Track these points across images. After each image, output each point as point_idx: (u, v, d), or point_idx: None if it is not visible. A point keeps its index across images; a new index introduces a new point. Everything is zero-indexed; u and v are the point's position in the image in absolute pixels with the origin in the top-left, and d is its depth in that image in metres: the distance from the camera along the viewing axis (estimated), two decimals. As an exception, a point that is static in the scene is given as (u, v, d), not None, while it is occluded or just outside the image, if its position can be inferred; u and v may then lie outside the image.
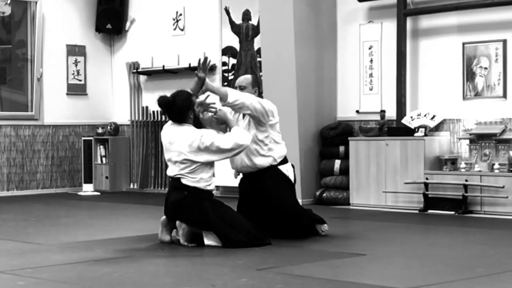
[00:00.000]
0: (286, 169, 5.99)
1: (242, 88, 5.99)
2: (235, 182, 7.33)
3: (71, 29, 10.86)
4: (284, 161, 6.02)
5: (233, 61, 9.87)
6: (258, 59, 9.50)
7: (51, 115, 10.66)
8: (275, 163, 5.93)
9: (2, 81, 10.42)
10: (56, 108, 10.71)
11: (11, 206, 8.85)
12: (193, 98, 5.69)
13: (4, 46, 10.39)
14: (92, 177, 10.60)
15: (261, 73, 9.27)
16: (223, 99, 5.72)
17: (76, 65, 10.92)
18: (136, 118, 10.87)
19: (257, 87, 6.10)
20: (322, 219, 6.10)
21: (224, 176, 8.06)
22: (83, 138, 10.73)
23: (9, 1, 10.31)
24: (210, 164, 5.68)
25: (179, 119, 5.69)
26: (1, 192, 10.21)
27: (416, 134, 8.09)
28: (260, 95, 6.25)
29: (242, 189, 6.12)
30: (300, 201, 7.19)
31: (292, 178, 6.01)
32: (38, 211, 8.38)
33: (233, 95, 5.76)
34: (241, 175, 6.13)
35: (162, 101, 5.69)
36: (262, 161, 5.91)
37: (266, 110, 5.86)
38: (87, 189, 10.49)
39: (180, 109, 5.65)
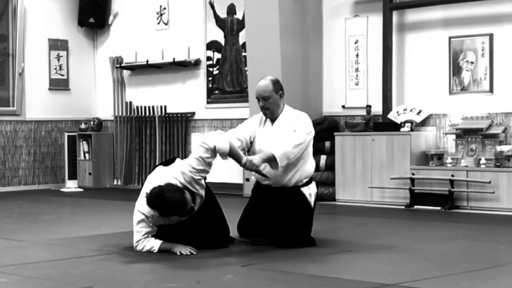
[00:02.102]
0: (309, 192, 5.53)
1: (266, 99, 5.51)
2: (227, 178, 7.20)
3: (53, 23, 10.75)
4: (310, 181, 5.58)
5: (217, 55, 9.80)
6: (243, 53, 9.44)
7: (33, 110, 10.56)
8: (301, 183, 5.51)
9: (-17, 76, 10.31)
10: (38, 103, 10.60)
11: (-7, 202, 8.76)
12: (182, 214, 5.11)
13: (-14, 41, 10.28)
14: (76, 173, 10.52)
15: (246, 68, 9.22)
16: (275, 167, 5.32)
17: (58, 60, 10.81)
18: (120, 114, 10.78)
19: (281, 91, 5.59)
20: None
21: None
22: (67, 133, 10.62)
23: (-10, -5, 10.18)
24: None
25: None
26: (-18, 188, 10.13)
27: (402, 129, 8.06)
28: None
29: (257, 190, 5.70)
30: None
31: (312, 202, 5.56)
32: (21, 207, 8.29)
33: (282, 160, 5.31)
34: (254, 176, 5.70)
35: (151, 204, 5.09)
36: (286, 180, 5.49)
37: (307, 144, 5.50)
38: (71, 185, 10.40)
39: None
